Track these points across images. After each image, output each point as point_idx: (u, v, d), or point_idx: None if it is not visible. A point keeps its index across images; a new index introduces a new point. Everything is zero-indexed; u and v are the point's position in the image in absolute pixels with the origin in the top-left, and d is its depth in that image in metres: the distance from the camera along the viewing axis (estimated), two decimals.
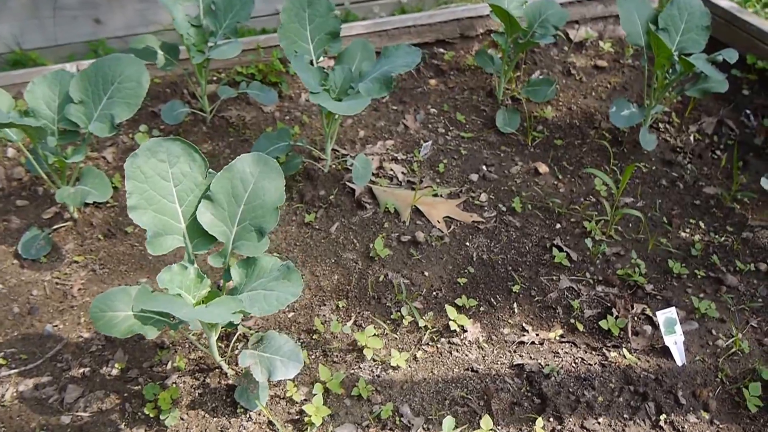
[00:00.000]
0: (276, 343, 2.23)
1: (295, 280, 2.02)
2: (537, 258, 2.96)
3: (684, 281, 2.91)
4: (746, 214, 3.27)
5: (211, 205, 2.12)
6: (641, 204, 3.26)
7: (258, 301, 1.99)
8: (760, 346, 2.68)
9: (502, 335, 2.65)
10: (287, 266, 2.07)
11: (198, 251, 2.18)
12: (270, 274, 2.07)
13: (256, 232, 2.14)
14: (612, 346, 2.62)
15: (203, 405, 2.33)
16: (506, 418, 2.36)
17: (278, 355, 2.21)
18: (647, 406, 2.40)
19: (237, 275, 2.14)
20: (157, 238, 2.14)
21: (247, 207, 2.14)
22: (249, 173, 2.13)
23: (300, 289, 2.00)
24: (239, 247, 2.16)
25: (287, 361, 2.20)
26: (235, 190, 2.13)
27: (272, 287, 2.01)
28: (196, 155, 2.17)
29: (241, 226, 2.16)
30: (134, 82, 2.72)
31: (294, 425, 2.29)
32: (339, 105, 2.68)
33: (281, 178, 2.15)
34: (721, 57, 3.26)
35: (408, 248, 2.94)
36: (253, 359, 2.21)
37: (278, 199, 2.15)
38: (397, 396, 2.41)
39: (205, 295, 2.14)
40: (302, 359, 2.21)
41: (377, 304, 2.72)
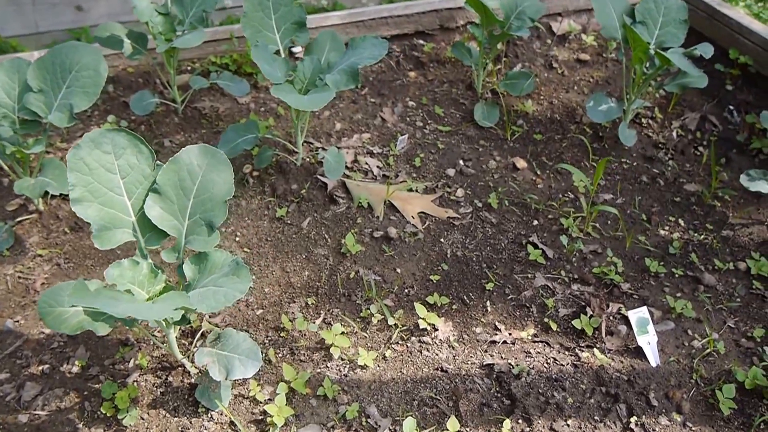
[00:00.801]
0: (234, 340, 2.18)
1: (244, 277, 1.96)
2: (512, 255, 2.92)
3: (661, 280, 2.88)
4: (727, 212, 3.23)
5: (159, 199, 2.07)
6: (620, 201, 3.23)
7: (207, 298, 1.94)
8: (737, 347, 2.65)
9: (473, 334, 2.61)
10: (236, 262, 2.01)
11: (151, 246, 2.12)
12: (221, 269, 2.02)
13: (207, 227, 2.09)
14: (585, 346, 2.59)
15: (164, 404, 2.28)
16: (474, 419, 2.32)
17: (236, 353, 2.16)
18: (618, 408, 2.37)
19: (189, 271, 2.09)
20: (104, 232, 2.08)
21: (197, 200, 2.09)
22: (196, 165, 2.08)
23: (248, 285, 1.95)
24: (191, 242, 2.10)
25: (246, 360, 2.15)
26: (182, 183, 2.08)
27: (222, 283, 1.96)
28: (142, 147, 2.11)
29: (192, 220, 2.10)
30: (92, 71, 2.65)
31: (257, 425, 2.25)
32: (300, 99, 2.62)
33: (230, 170, 2.10)
34: (698, 51, 3.21)
35: (380, 244, 2.89)
36: (210, 357, 2.16)
37: (227, 192, 2.10)
38: (365, 396, 2.37)
39: (159, 290, 2.09)
40: (261, 357, 2.16)
41: (347, 301, 2.67)
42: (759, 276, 2.93)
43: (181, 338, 2.47)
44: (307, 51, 3.02)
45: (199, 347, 2.21)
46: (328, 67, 2.89)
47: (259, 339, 2.51)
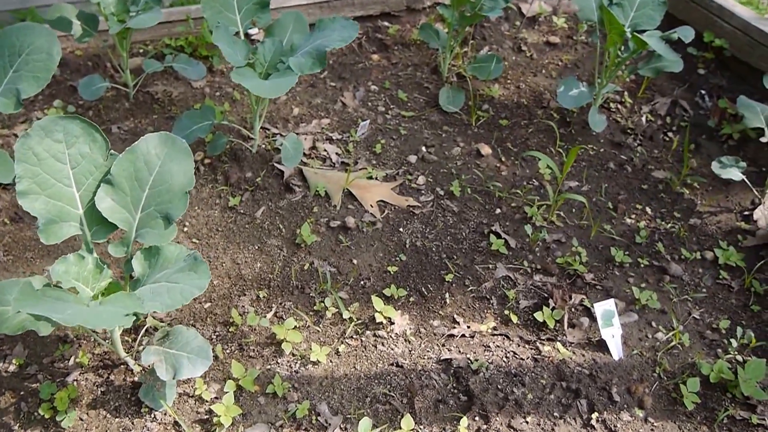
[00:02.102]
0: (183, 338, 2.10)
1: (202, 272, 1.88)
2: (473, 245, 2.85)
3: (626, 270, 2.83)
4: (695, 200, 3.19)
5: (111, 190, 1.98)
6: (586, 188, 3.17)
7: (160, 296, 1.85)
8: (701, 339, 2.61)
9: (431, 328, 2.54)
10: (194, 256, 1.93)
11: (98, 239, 2.03)
12: (175, 264, 1.94)
13: (163, 219, 2.00)
14: (546, 340, 2.53)
15: (105, 404, 2.19)
16: (429, 417, 2.26)
17: (185, 351, 2.08)
18: (579, 404, 2.32)
19: (139, 266, 2.00)
20: (50, 226, 1.99)
21: (153, 192, 2.00)
22: (154, 155, 1.99)
23: (207, 281, 1.87)
24: (143, 235, 2.01)
25: (195, 358, 2.07)
26: (138, 174, 1.98)
27: (177, 279, 1.87)
28: (96, 135, 2.01)
29: (146, 212, 2.01)
30: (44, 54, 2.52)
31: (202, 425, 2.17)
32: (262, 85, 2.52)
33: (190, 160, 2.02)
34: (676, 35, 3.15)
35: (337, 234, 2.82)
36: (157, 356, 2.08)
37: (187, 183, 2.02)
38: (316, 393, 2.30)
39: (104, 287, 2.00)
40: (211, 356, 2.08)
41: (300, 294, 2.60)
42: (726, 266, 2.90)
43: (124, 334, 2.38)
44: (268, 33, 2.92)
45: (146, 345, 2.13)
46: (291, 50, 2.79)
47: (206, 334, 2.42)
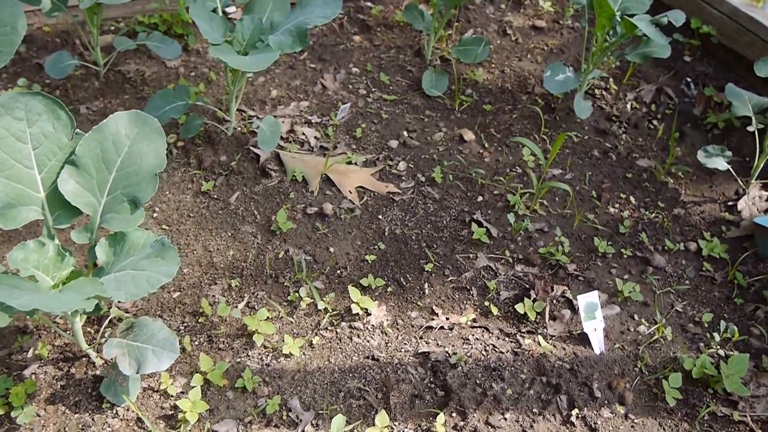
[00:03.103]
0: (148, 330, 1.96)
1: (171, 259, 1.74)
2: (454, 233, 2.72)
3: (609, 261, 2.72)
4: (679, 189, 3.08)
5: (76, 172, 1.82)
6: (570, 176, 3.05)
7: (125, 284, 1.70)
8: (684, 333, 2.51)
9: (409, 319, 2.42)
10: (162, 242, 1.78)
11: (60, 225, 1.88)
12: (142, 251, 1.79)
13: (130, 203, 1.85)
14: (527, 332, 2.42)
15: (65, 399, 2.05)
16: (405, 412, 2.14)
17: (150, 344, 1.94)
18: (559, 400, 2.21)
19: (103, 253, 1.85)
20: (9, 210, 1.84)
21: (120, 174, 1.85)
22: (124, 135, 1.84)
23: (175, 268, 1.72)
24: (109, 220, 1.87)
25: (160, 351, 1.93)
26: (105, 155, 1.83)
27: (143, 267, 1.73)
28: (61, 113, 1.86)
29: (112, 196, 1.86)
30: (8, 27, 2.34)
31: (167, 421, 2.04)
32: (242, 60, 2.37)
33: (162, 140, 1.87)
34: (666, 19, 3.02)
35: (314, 221, 2.68)
36: (120, 349, 1.93)
37: (158, 165, 1.87)
38: (287, 388, 2.17)
39: (66, 275, 1.85)
40: (178, 348, 1.94)
41: (275, 283, 2.46)
42: (710, 257, 2.79)
43: (86, 325, 2.24)
44: (246, 10, 2.75)
45: (108, 338, 1.98)
46: (271, 28, 2.63)
47: (174, 325, 2.29)
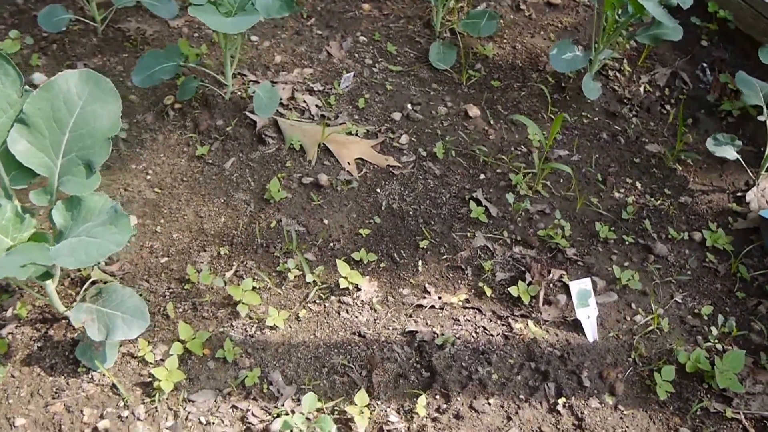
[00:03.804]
0: (118, 296, 1.88)
1: (123, 227, 1.64)
2: (453, 211, 2.62)
3: (610, 247, 2.61)
4: (688, 177, 2.95)
5: (26, 131, 1.73)
6: (576, 158, 2.92)
7: (77, 251, 1.62)
8: (682, 324, 2.41)
9: (400, 296, 2.33)
10: (114, 209, 1.69)
11: (17, 185, 1.79)
12: (99, 216, 1.70)
13: (85, 167, 1.76)
14: (520, 316, 2.32)
15: (41, 361, 1.99)
16: (388, 392, 2.06)
17: (120, 311, 1.86)
18: (547, 387, 2.12)
19: (60, 217, 1.76)
20: None
21: (74, 135, 1.75)
22: (75, 94, 1.73)
23: (127, 237, 1.63)
24: (65, 183, 1.78)
25: (130, 319, 1.85)
26: (57, 114, 1.73)
27: (96, 234, 1.64)
28: (9, 68, 1.76)
29: (67, 158, 1.77)
30: None
31: (143, 389, 1.97)
32: (221, 21, 2.25)
33: (117, 102, 1.77)
34: (675, 1, 2.86)
35: (309, 191, 2.58)
36: (89, 314, 1.86)
37: (111, 128, 1.77)
38: (270, 361, 2.09)
39: (27, 238, 1.77)
40: (148, 317, 1.86)
41: (265, 253, 2.37)
42: (714, 248, 2.67)
43: (69, 287, 2.16)
44: None
45: (78, 302, 1.90)
46: None
47: (159, 291, 2.21)
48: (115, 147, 2.58)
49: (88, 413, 1.89)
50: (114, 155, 2.56)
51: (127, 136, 2.63)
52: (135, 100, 2.75)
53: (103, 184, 2.47)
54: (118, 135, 2.60)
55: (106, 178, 2.49)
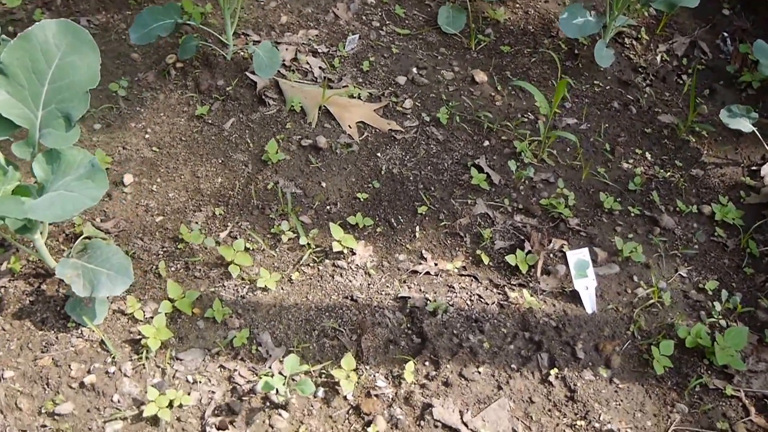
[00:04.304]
0: (103, 253, 1.85)
1: (99, 182, 1.61)
2: (454, 177, 2.55)
3: (615, 218, 2.53)
4: (701, 149, 2.84)
5: (5, 81, 1.69)
6: (585, 127, 2.83)
7: (54, 205, 1.59)
8: (685, 299, 2.33)
9: (395, 262, 2.28)
10: (92, 163, 1.65)
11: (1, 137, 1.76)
12: (77, 170, 1.67)
13: (64, 120, 1.72)
14: (517, 285, 2.26)
15: (31, 315, 1.98)
16: (377, 357, 2.02)
17: (105, 267, 1.83)
18: (540, 357, 2.07)
19: (41, 171, 1.73)
20: None
21: (53, 87, 1.72)
22: (53, 45, 1.69)
23: (102, 192, 1.60)
24: (46, 136, 1.74)
25: (115, 276, 1.82)
26: (35, 65, 1.69)
27: (73, 188, 1.61)
28: None
29: (47, 110, 1.73)
30: None
31: (132, 346, 1.95)
32: None
33: (96, 54, 1.72)
34: None
35: (308, 154, 2.53)
36: (75, 270, 1.84)
37: (90, 80, 1.73)
38: (260, 322, 2.06)
39: (10, 191, 1.74)
40: (132, 274, 1.83)
41: (260, 214, 2.33)
42: (723, 223, 2.58)
43: (63, 243, 2.14)
44: None
45: (64, 258, 1.88)
46: None
47: (153, 249, 2.18)
48: (116, 105, 2.54)
49: (76, 368, 1.88)
50: (114, 113, 2.53)
51: (128, 94, 2.59)
52: (137, 58, 2.71)
53: (102, 141, 2.45)
54: (118, 93, 2.57)
55: (105, 135, 2.46)
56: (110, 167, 2.37)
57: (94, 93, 2.53)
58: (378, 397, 1.93)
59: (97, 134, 2.46)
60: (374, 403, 1.90)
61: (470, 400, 1.95)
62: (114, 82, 2.59)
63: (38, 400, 1.81)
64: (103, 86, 2.57)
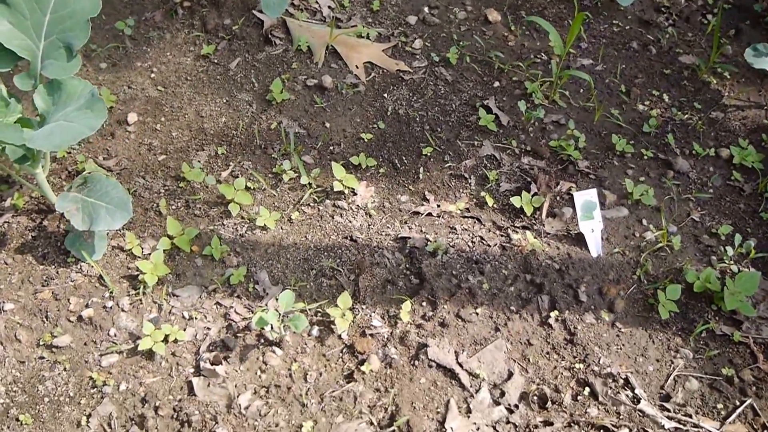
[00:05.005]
0: (102, 187, 1.80)
1: (98, 111, 1.56)
2: (462, 119, 2.44)
3: (626, 161, 2.40)
4: (722, 91, 2.68)
5: (7, 11, 1.63)
6: (600, 68, 2.68)
7: (53, 134, 1.54)
8: (696, 243, 2.21)
9: (397, 203, 2.20)
10: (92, 93, 1.60)
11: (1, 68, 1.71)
12: (77, 101, 1.61)
13: (65, 50, 1.67)
14: (521, 227, 2.17)
15: (33, 250, 1.96)
16: (375, 296, 1.96)
17: (104, 201, 1.79)
18: (540, 299, 1.99)
19: (42, 102, 1.68)
20: None
21: (55, 17, 1.66)
22: None
23: (101, 121, 1.55)
24: (47, 67, 1.69)
25: (114, 210, 1.78)
26: None
27: (73, 118, 1.56)
28: None
29: (49, 40, 1.68)
30: None
31: (130, 282, 1.92)
32: None
33: None
34: None
35: (313, 94, 2.44)
36: (74, 204, 1.80)
37: (91, 9, 1.66)
38: (258, 260, 2.02)
39: (12, 122, 1.70)
40: (131, 209, 1.79)
41: (263, 154, 2.27)
42: (741, 166, 2.43)
43: (66, 180, 2.11)
44: None
45: (64, 191, 1.84)
46: None
47: (154, 187, 2.14)
48: (122, 44, 2.48)
49: (75, 302, 1.86)
50: (120, 53, 2.46)
51: (134, 33, 2.52)
52: None
53: (108, 81, 2.39)
54: (125, 32, 2.50)
55: (111, 75, 2.41)
56: (115, 106, 2.31)
57: (101, 32, 2.47)
58: (373, 336, 1.87)
59: (103, 73, 2.40)
60: (369, 343, 1.85)
61: (466, 342, 1.89)
62: (121, 21, 2.52)
63: (37, 332, 1.80)
64: (110, 25, 2.50)
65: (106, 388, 1.71)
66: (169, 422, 1.67)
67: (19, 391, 1.69)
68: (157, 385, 1.74)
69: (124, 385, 1.73)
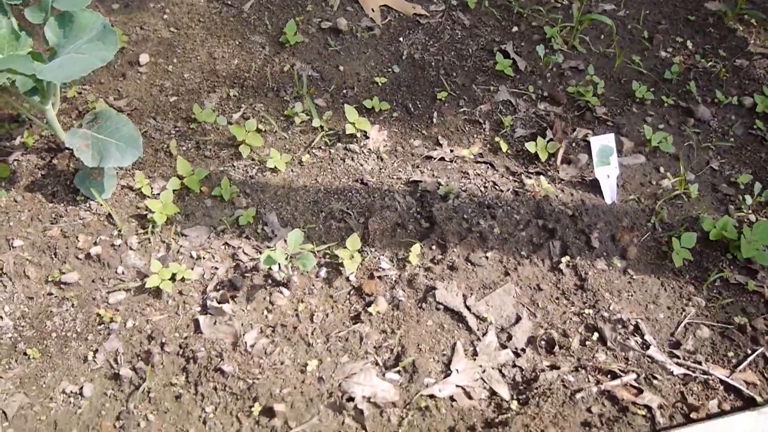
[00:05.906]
0: (112, 123, 1.74)
1: (110, 43, 1.48)
2: (478, 64, 2.33)
3: (646, 108, 2.28)
4: (748, 38, 2.52)
5: None
6: (623, 13, 2.53)
7: (63, 66, 1.47)
8: (713, 192, 2.10)
9: (410, 147, 2.11)
10: (104, 25, 1.53)
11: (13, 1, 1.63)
12: (88, 34, 1.54)
13: None
14: (534, 173, 2.08)
15: (43, 188, 1.91)
16: (384, 239, 1.89)
17: (114, 138, 1.73)
18: (552, 245, 1.90)
19: (53, 34, 1.61)
20: None
21: None
22: None
23: (112, 53, 1.48)
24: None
25: (124, 147, 1.72)
26: None
27: (84, 50, 1.48)
28: None
29: None
30: None
31: (138, 221, 1.87)
32: None
33: None
34: None
35: (327, 37, 2.33)
36: (84, 140, 1.74)
37: None
38: (267, 202, 1.95)
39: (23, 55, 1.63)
40: (141, 146, 1.72)
41: (275, 97, 2.18)
42: (764, 115, 2.30)
43: (75, 119, 2.05)
44: None
45: (74, 128, 1.78)
46: None
47: (165, 129, 2.07)
48: None
49: (83, 239, 1.81)
50: None
51: None
52: None
53: (120, 21, 2.31)
54: None
55: (123, 16, 2.32)
56: (127, 47, 2.23)
57: None
58: (381, 278, 1.81)
59: (115, 14, 2.32)
60: (376, 285, 1.79)
61: (475, 285, 1.81)
62: None
63: (46, 269, 1.76)
64: None
65: (113, 325, 1.67)
66: (175, 359, 1.64)
67: (27, 326, 1.66)
68: (164, 322, 1.70)
69: (130, 322, 1.69)
